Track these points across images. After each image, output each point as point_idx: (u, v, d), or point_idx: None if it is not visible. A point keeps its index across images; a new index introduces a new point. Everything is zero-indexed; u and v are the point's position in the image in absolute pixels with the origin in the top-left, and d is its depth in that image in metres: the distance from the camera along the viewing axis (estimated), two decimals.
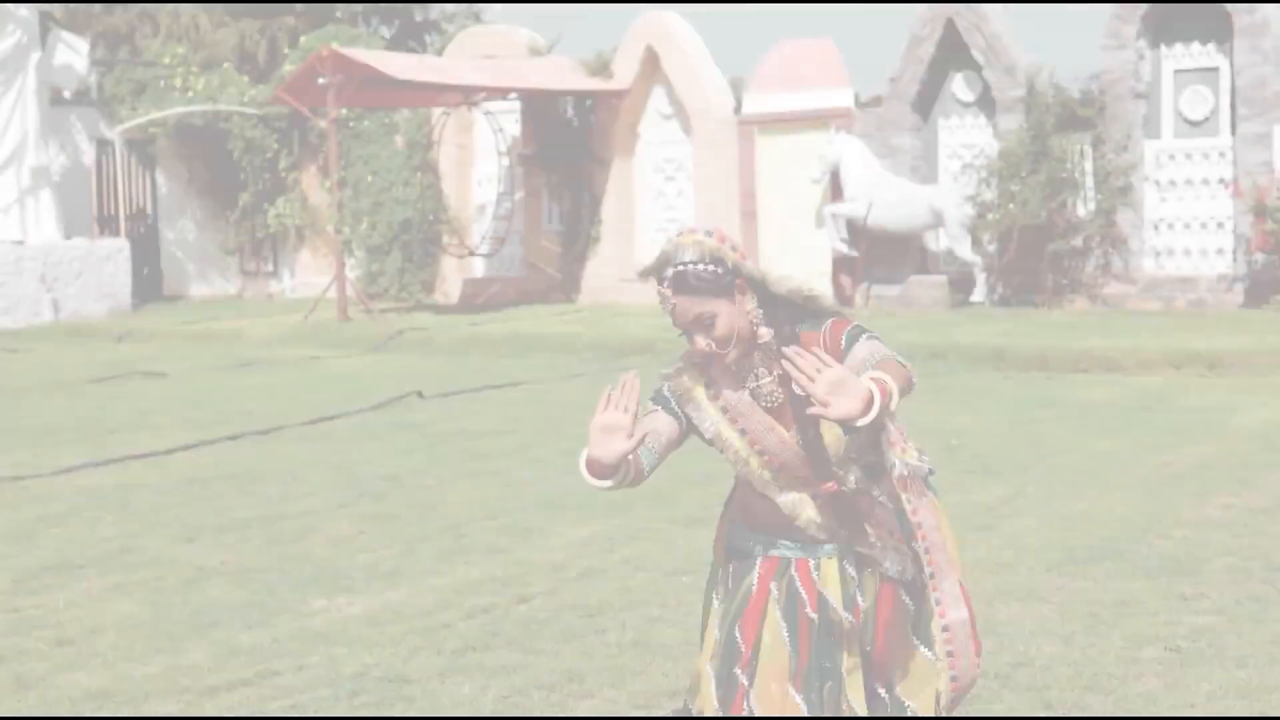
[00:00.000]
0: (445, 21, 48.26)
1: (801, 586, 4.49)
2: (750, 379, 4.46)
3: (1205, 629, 7.06)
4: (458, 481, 11.49)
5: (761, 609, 4.51)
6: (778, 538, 4.54)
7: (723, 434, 4.47)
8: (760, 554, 4.55)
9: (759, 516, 4.56)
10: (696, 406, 4.51)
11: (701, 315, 4.32)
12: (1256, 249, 20.77)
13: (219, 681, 6.82)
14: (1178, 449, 11.81)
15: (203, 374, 19.51)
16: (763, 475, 4.48)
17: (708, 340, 4.34)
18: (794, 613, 4.48)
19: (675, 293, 4.32)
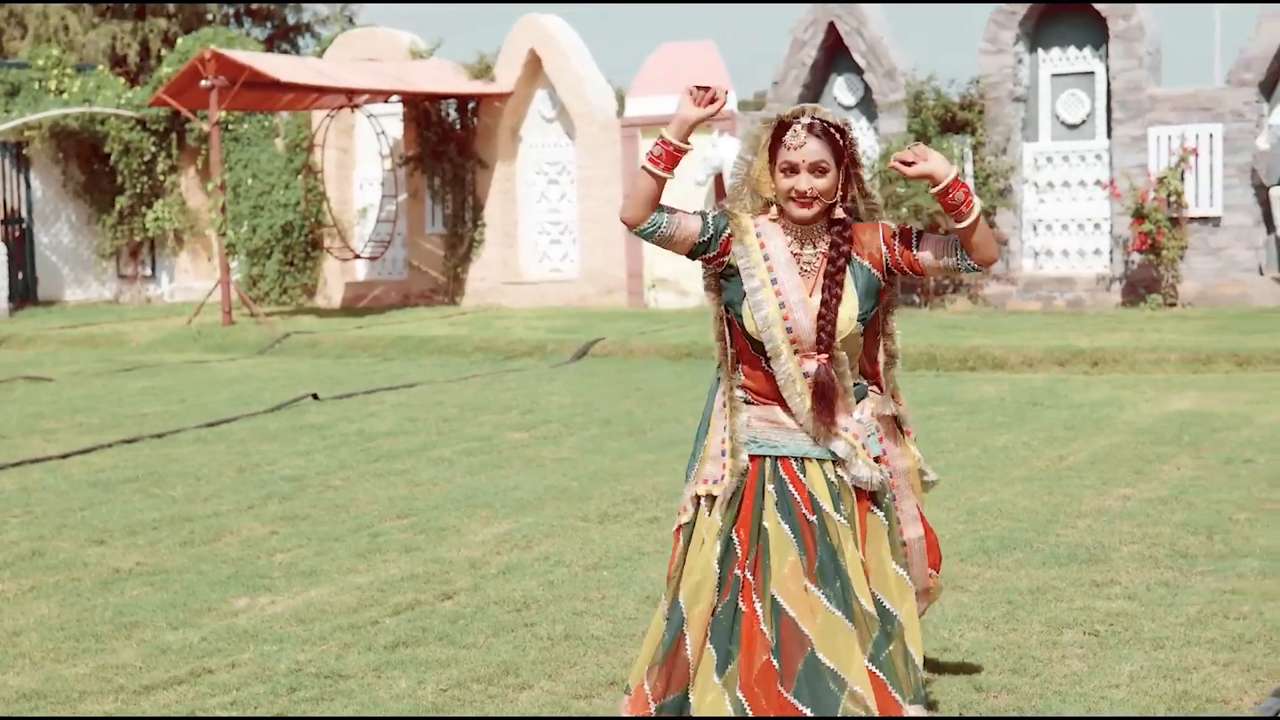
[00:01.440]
0: (319, 24, 48.10)
1: (793, 488, 5.05)
2: (796, 244, 5.11)
3: (1120, 613, 7.26)
4: (363, 482, 11.51)
5: (753, 509, 5.09)
6: (765, 435, 5.13)
7: (763, 285, 5.04)
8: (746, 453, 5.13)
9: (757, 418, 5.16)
10: (745, 249, 5.09)
11: (822, 163, 5.00)
12: (1135, 249, 21.20)
13: (152, 680, 6.81)
14: (1071, 443, 12.07)
15: (89, 379, 19.32)
16: (778, 336, 5.05)
17: (809, 186, 5.00)
18: (791, 514, 5.03)
19: (809, 133, 5.02)
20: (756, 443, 5.14)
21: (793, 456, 5.10)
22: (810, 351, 5.05)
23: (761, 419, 5.16)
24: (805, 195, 5.00)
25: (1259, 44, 21.14)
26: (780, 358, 5.06)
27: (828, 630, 4.92)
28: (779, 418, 5.13)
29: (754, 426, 5.17)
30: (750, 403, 5.21)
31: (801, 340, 5.04)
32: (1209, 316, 19.74)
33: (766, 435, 5.14)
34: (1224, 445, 11.72)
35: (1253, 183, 21.18)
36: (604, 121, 25.44)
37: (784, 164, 5.03)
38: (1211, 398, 14.28)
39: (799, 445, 5.09)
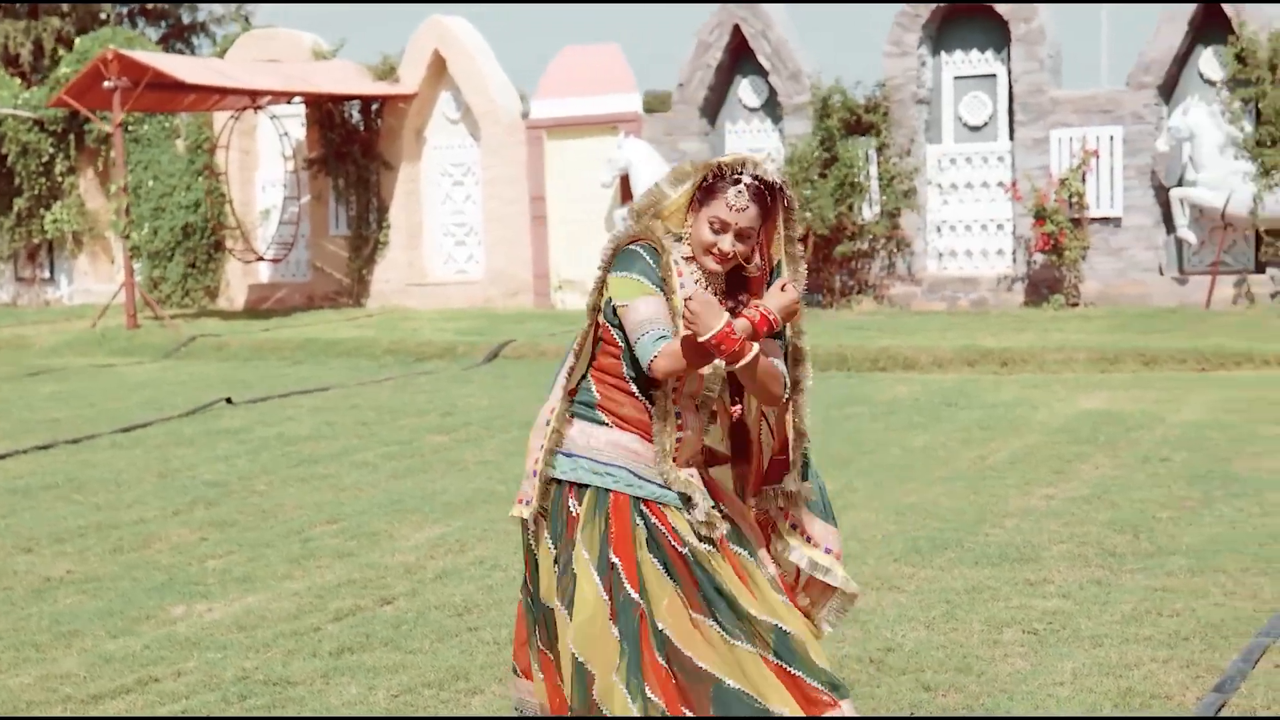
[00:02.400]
0: (214, 23, 47.75)
1: (657, 521, 4.81)
2: (700, 286, 4.85)
3: (1056, 612, 7.39)
4: (288, 487, 11.48)
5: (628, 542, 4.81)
6: (630, 471, 4.84)
7: (674, 315, 4.78)
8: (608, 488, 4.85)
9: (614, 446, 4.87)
10: (666, 270, 4.83)
11: (749, 229, 4.78)
12: (1037, 250, 21.48)
13: (99, 690, 6.79)
14: (989, 443, 12.24)
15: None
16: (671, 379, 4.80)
17: (732, 248, 4.78)
18: (661, 548, 4.80)
19: (752, 198, 4.77)
20: (612, 475, 4.84)
21: (651, 499, 4.82)
22: (687, 396, 4.86)
23: (620, 446, 4.87)
24: (726, 256, 4.78)
25: (1157, 47, 21.46)
26: (662, 391, 4.81)
27: (730, 660, 4.73)
28: (635, 447, 4.85)
29: (608, 453, 4.88)
30: (605, 424, 4.90)
31: (687, 381, 4.83)
32: (1111, 316, 20.04)
33: (623, 465, 4.84)
34: (1139, 444, 11.92)
35: (1153, 184, 21.51)
36: (509, 123, 25.44)
37: (714, 219, 4.77)
38: (1121, 397, 14.51)
39: (653, 489, 4.82)
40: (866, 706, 6.18)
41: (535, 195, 25.12)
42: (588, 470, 4.86)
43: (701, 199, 4.80)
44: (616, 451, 4.86)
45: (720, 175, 4.78)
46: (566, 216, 24.89)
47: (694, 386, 4.85)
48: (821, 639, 5.09)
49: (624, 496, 4.81)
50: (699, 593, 4.75)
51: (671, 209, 4.88)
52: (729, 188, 4.74)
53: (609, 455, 4.86)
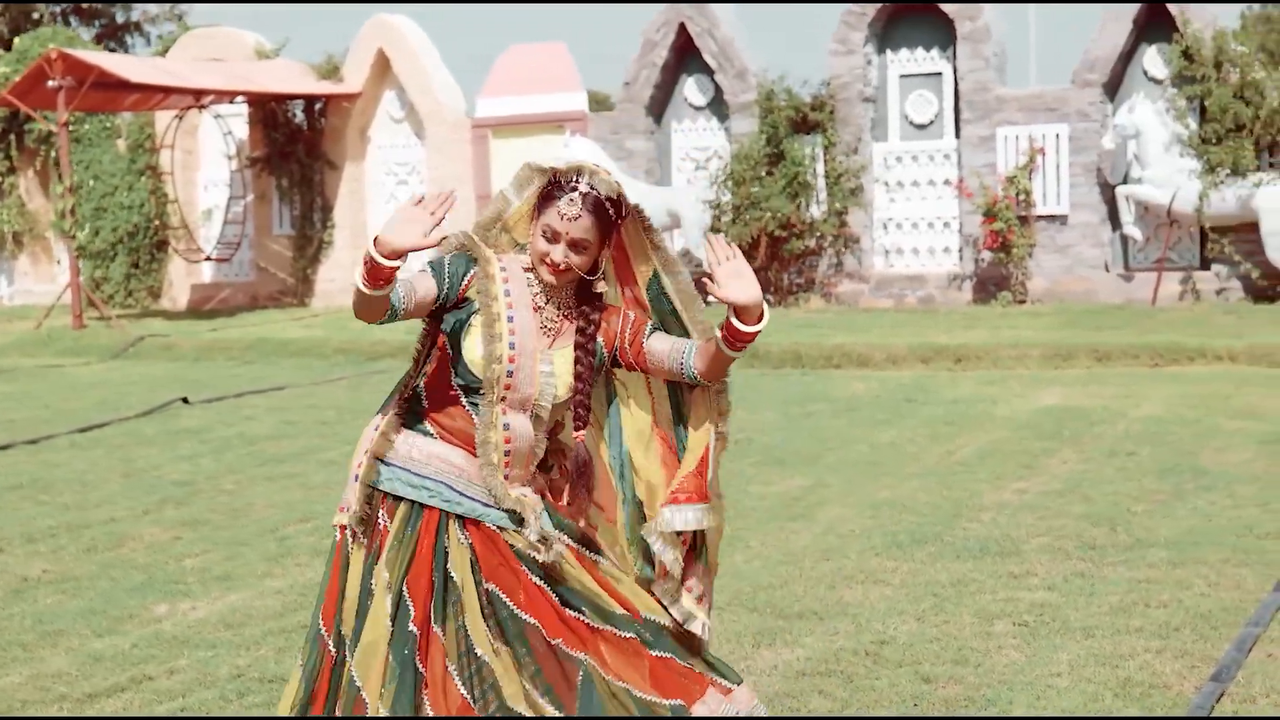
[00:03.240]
0: (148, 23, 47.43)
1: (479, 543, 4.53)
2: (541, 297, 4.65)
3: (1043, 604, 7.45)
4: (255, 486, 11.43)
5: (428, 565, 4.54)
6: (448, 486, 4.58)
7: (499, 319, 4.54)
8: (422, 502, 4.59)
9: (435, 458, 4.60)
10: (486, 282, 4.57)
11: (583, 239, 4.53)
12: (986, 248, 21.61)
13: (93, 689, 6.74)
14: (955, 439, 12.32)
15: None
16: (498, 375, 4.53)
17: (565, 259, 4.54)
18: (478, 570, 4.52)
19: (584, 207, 4.52)
20: (428, 489, 4.58)
21: (471, 517, 4.57)
22: (518, 406, 4.58)
23: (441, 459, 4.61)
24: (558, 267, 4.56)
25: (1102, 45, 21.64)
26: (488, 400, 4.55)
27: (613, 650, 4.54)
28: (459, 461, 4.60)
29: (428, 466, 4.62)
30: (430, 435, 4.66)
31: (517, 389, 4.56)
32: (1060, 313, 20.18)
33: (442, 479, 4.59)
34: (1103, 439, 12.03)
35: (1098, 181, 21.68)
36: (454, 121, 25.41)
37: (546, 228, 4.55)
38: (1078, 393, 14.63)
39: (473, 505, 4.56)
40: (869, 698, 6.22)
41: (481, 194, 25.09)
42: (404, 483, 4.62)
43: (539, 207, 4.61)
44: (437, 464, 4.61)
45: (558, 184, 4.58)
46: None
47: (525, 393, 4.57)
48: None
49: (435, 514, 4.57)
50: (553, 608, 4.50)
51: (516, 218, 4.73)
52: (563, 196, 4.55)
53: (429, 468, 4.61)
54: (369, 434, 4.71)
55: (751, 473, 11.09)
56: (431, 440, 4.63)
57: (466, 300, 4.59)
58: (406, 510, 4.59)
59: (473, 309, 4.57)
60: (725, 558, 8.58)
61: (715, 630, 7.09)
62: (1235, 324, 18.25)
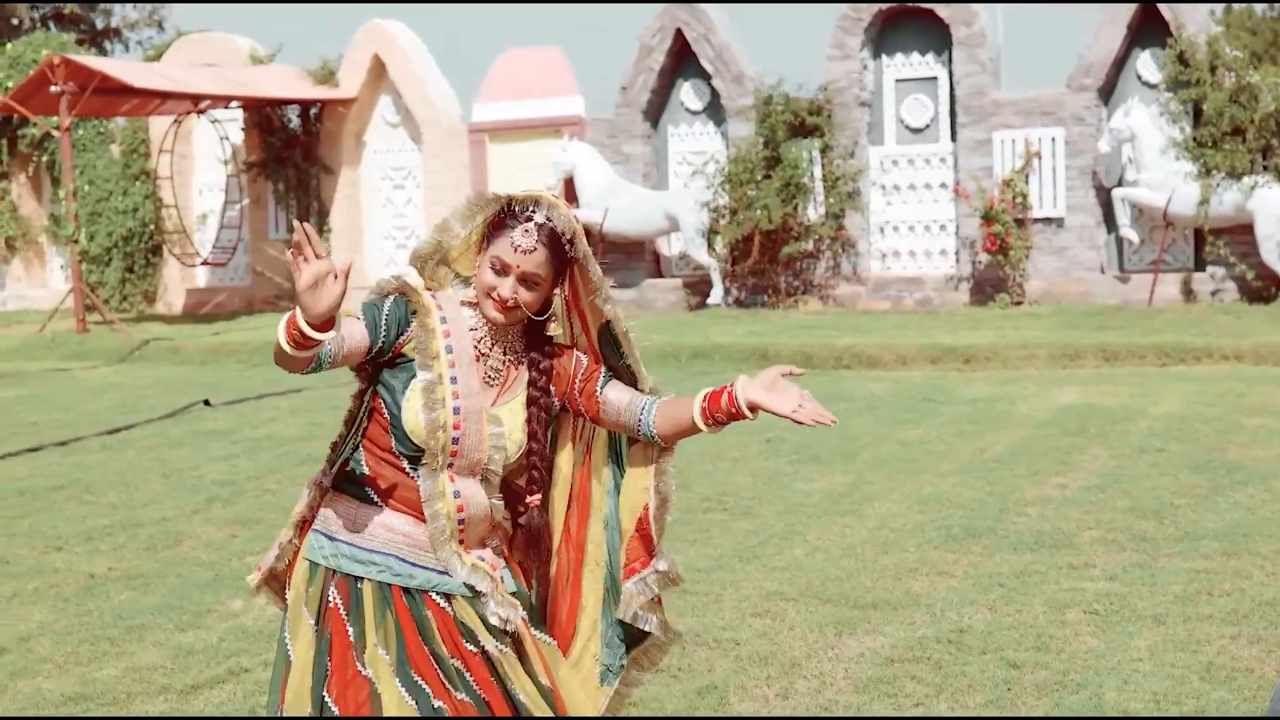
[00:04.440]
0: (127, 29, 47.45)
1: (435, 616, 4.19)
2: (486, 341, 4.21)
3: (1109, 594, 7.65)
4: (297, 486, 11.55)
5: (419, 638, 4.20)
6: (398, 558, 4.20)
7: (440, 382, 4.13)
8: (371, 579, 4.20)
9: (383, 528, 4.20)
10: (424, 334, 4.17)
11: (535, 275, 4.11)
12: (985, 250, 21.84)
13: (194, 680, 6.87)
14: (983, 436, 12.52)
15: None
16: (440, 443, 4.14)
17: (514, 294, 4.11)
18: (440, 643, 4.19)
19: (538, 240, 4.10)
20: (376, 564, 4.18)
21: (425, 590, 4.19)
22: (467, 471, 4.17)
23: (389, 529, 4.20)
24: (506, 304, 4.12)
25: (1097, 50, 21.90)
26: (432, 467, 4.15)
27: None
28: (408, 530, 4.19)
29: (376, 538, 4.20)
30: (375, 503, 4.22)
31: (464, 455, 4.15)
32: (1059, 314, 20.42)
33: (391, 551, 4.18)
34: (1129, 436, 12.24)
35: (1094, 184, 21.94)
36: (450, 127, 25.57)
37: (495, 260, 4.11)
38: (1093, 392, 14.85)
39: (428, 576, 4.18)
40: (961, 684, 6.40)
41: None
42: (349, 559, 4.19)
43: (489, 237, 4.15)
44: (384, 535, 4.18)
45: (512, 213, 4.14)
46: None
47: (472, 458, 4.16)
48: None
49: (378, 596, 4.17)
50: (502, 694, 4.18)
51: (460, 250, 4.25)
52: (517, 226, 4.10)
53: (375, 540, 4.18)
54: (304, 501, 4.36)
55: (791, 470, 11.28)
56: (378, 510, 4.20)
57: (402, 357, 4.17)
58: (373, 588, 4.18)
59: (411, 371, 4.15)
60: (785, 551, 8.82)
61: (794, 620, 7.30)
62: (1235, 324, 18.51)
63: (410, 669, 4.12)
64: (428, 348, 4.13)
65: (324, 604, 4.21)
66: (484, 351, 4.20)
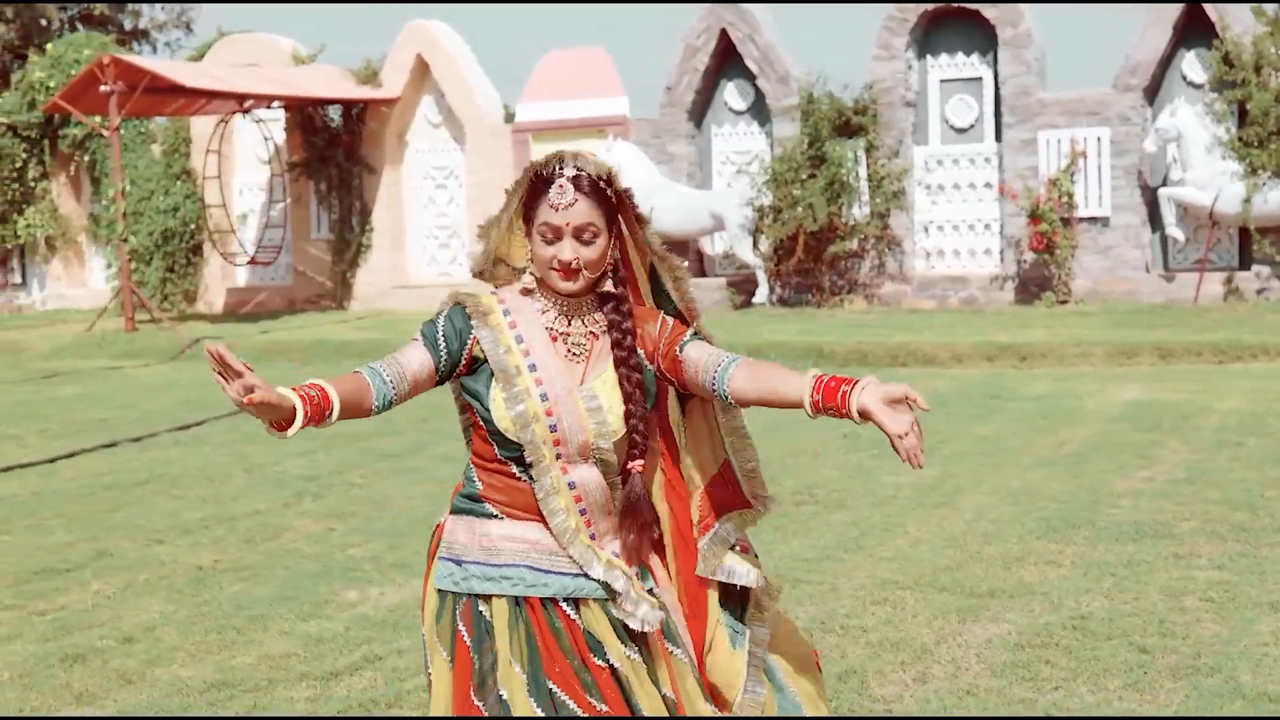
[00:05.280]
0: (155, 30, 47.60)
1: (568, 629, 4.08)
2: (562, 320, 4.10)
3: (1220, 582, 7.75)
4: (383, 480, 11.70)
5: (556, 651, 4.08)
6: (530, 568, 4.09)
7: (519, 373, 4.03)
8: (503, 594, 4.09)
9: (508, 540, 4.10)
10: (491, 332, 4.06)
11: (590, 226, 3.99)
12: (1031, 249, 21.93)
13: (333, 667, 6.98)
14: (1058, 431, 12.63)
15: (11, 386, 19.16)
16: (539, 436, 4.03)
17: (575, 255, 3.99)
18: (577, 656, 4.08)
19: (577, 189, 3.98)
20: (509, 578, 4.07)
21: (559, 599, 4.07)
22: (577, 457, 4.05)
23: (516, 539, 4.08)
24: (570, 266, 3.99)
25: (1143, 50, 22.00)
26: (541, 464, 4.01)
27: None
28: (534, 536, 4.08)
29: (503, 552, 4.09)
30: (496, 516, 4.12)
31: (566, 442, 4.02)
32: (1107, 312, 20.51)
33: (521, 563, 4.07)
34: (1203, 431, 12.34)
35: (1139, 183, 22.03)
36: (492, 126, 25.70)
37: (544, 227, 3.98)
38: (1157, 388, 14.95)
39: (563, 582, 4.06)
40: (1096, 667, 6.50)
41: None
42: (479, 578, 4.09)
43: (530, 214, 4.05)
44: (511, 546, 4.08)
45: (541, 178, 4.04)
46: None
47: (578, 441, 4.04)
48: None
49: (536, 599, 4.07)
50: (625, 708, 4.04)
51: (509, 242, 4.21)
52: (549, 188, 4.00)
53: (503, 554, 4.08)
54: (436, 531, 4.31)
55: (874, 464, 11.39)
56: (500, 522, 4.11)
57: (476, 361, 4.08)
58: (505, 606, 4.08)
59: (488, 372, 4.05)
60: (887, 542, 8.93)
61: (915, 608, 7.40)
62: None
63: (546, 679, 4.02)
64: (498, 343, 4.04)
65: (454, 635, 4.13)
66: (560, 330, 4.09)
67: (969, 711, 6.08)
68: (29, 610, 8.30)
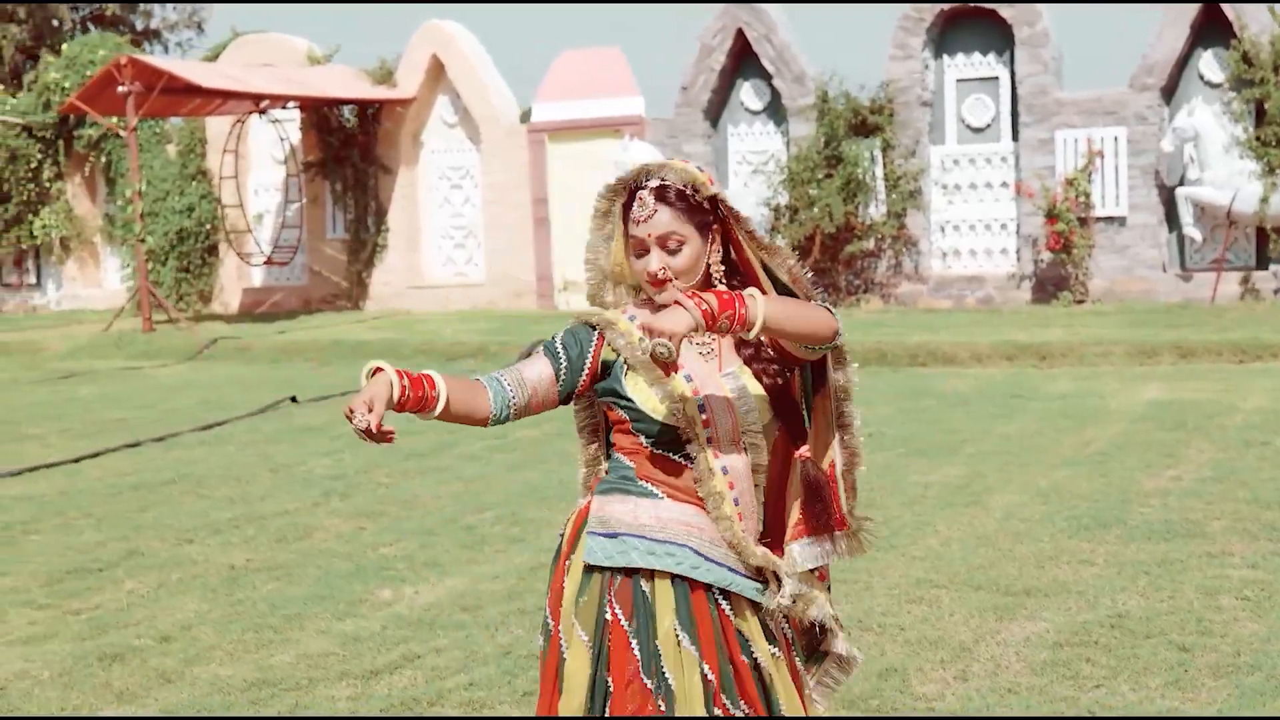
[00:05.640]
0: (166, 30, 47.67)
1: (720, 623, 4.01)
2: None
3: (1255, 581, 7.76)
4: (410, 479, 11.71)
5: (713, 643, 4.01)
6: (693, 550, 4.02)
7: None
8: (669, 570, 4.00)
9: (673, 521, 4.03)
10: (620, 335, 4.05)
11: (674, 235, 3.98)
12: (1048, 249, 21.93)
13: (372, 665, 7.00)
14: (1082, 430, 12.63)
15: (30, 386, 19.19)
16: (693, 416, 4.00)
17: (663, 265, 3.99)
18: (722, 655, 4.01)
19: (659, 200, 3.99)
20: (673, 555, 3.98)
21: (720, 586, 4.01)
22: (727, 443, 4.01)
23: (679, 521, 4.01)
24: (658, 277, 3.98)
25: (1160, 50, 21.99)
26: (695, 443, 3.99)
27: None
28: (694, 519, 4.02)
29: (668, 528, 4.00)
30: (657, 495, 4.05)
31: (717, 422, 3.99)
32: (1125, 312, 20.52)
33: (684, 542, 3.99)
34: (1227, 430, 12.33)
35: (1156, 183, 22.03)
36: (508, 126, 25.71)
37: (632, 243, 4.01)
38: (1180, 387, 14.94)
39: (721, 573, 4.00)
40: (1135, 665, 6.51)
41: (538, 198, 25.38)
42: (641, 551, 3.99)
43: (626, 230, 4.08)
44: (673, 526, 4.01)
45: (630, 193, 4.07)
46: (570, 219, 25.14)
47: (727, 423, 4.03)
48: None
49: (700, 585, 3.99)
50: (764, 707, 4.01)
51: (615, 260, 4.17)
52: (632, 204, 4.04)
53: (665, 531, 4.00)
54: (579, 511, 4.18)
55: (901, 463, 11.40)
56: (659, 501, 4.04)
57: (606, 365, 4.08)
58: (666, 588, 3.98)
59: (621, 368, 4.05)
60: (919, 541, 8.93)
61: (952, 606, 7.41)
62: None
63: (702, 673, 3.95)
64: (630, 341, 4.02)
65: (600, 617, 4.01)
66: None
67: (1012, 711, 6.10)
68: (64, 609, 8.33)
